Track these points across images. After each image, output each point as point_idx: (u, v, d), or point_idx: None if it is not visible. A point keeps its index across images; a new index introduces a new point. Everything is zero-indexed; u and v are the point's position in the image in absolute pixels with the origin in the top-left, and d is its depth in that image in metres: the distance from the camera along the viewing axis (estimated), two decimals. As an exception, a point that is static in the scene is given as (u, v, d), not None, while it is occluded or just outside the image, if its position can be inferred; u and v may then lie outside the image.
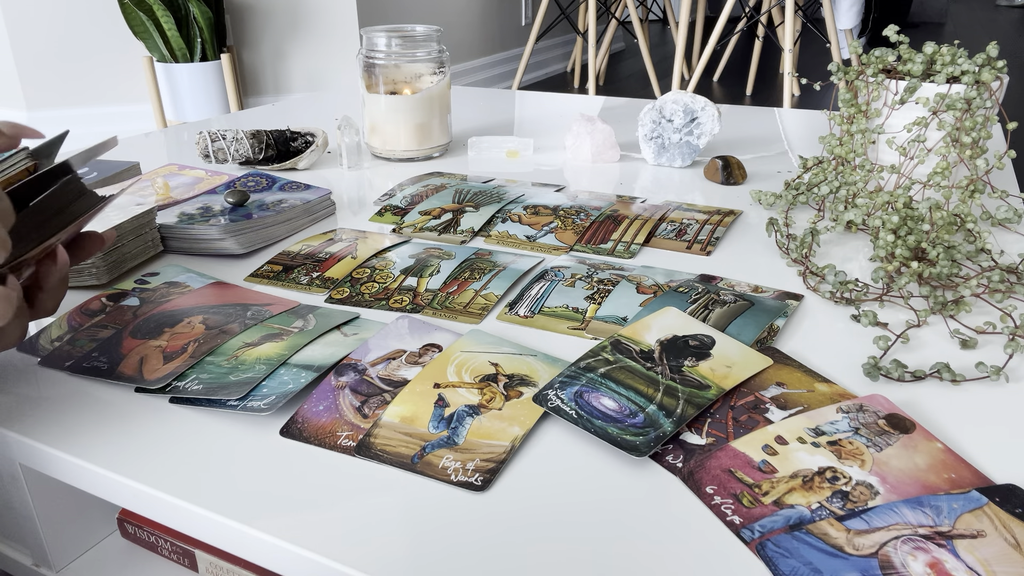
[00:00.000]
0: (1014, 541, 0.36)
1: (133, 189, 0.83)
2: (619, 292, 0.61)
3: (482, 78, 3.18)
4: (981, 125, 0.72)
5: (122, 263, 0.67)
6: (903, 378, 0.50)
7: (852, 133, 0.78)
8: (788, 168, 0.99)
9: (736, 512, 0.39)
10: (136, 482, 0.42)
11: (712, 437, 0.44)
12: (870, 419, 0.45)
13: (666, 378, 0.49)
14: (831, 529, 0.37)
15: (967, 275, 0.63)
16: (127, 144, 1.12)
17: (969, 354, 0.54)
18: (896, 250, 0.63)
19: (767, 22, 3.02)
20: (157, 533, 0.54)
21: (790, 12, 2.32)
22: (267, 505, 0.40)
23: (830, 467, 0.41)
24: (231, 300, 0.61)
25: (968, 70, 0.73)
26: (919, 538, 0.36)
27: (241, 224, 0.72)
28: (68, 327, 0.57)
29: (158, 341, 0.54)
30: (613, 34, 3.29)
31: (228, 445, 0.45)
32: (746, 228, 0.78)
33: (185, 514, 0.41)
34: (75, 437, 0.46)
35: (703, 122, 0.96)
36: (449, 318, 0.59)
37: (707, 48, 2.45)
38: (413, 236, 0.76)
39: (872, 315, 0.57)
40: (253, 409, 0.46)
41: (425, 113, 1.03)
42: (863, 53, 0.82)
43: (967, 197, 0.70)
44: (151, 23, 2.14)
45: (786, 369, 0.51)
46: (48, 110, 2.34)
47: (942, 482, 0.40)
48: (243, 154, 0.98)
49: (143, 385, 0.50)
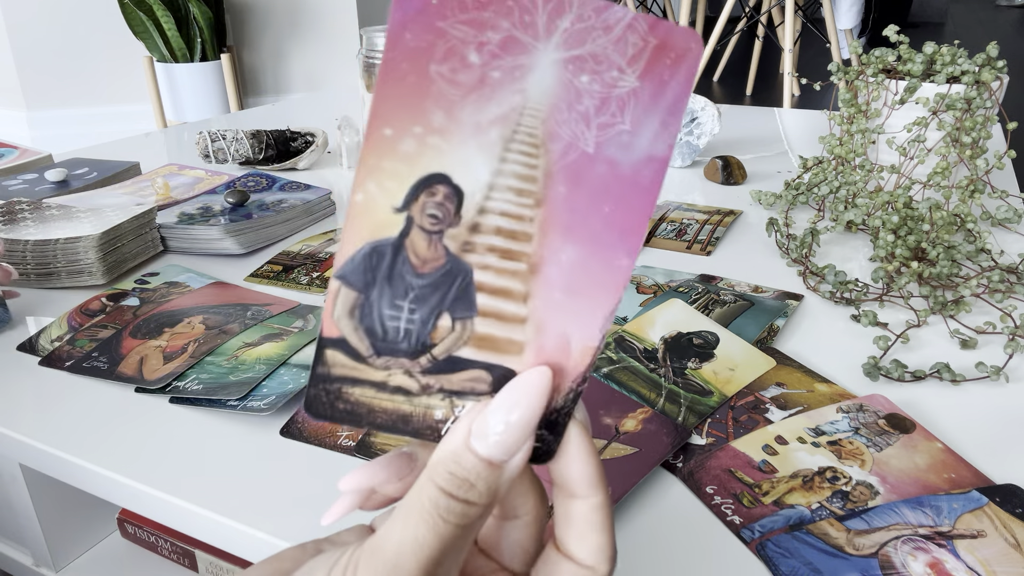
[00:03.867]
0: (1014, 541, 0.36)
1: (133, 189, 0.83)
2: (619, 292, 0.61)
3: (482, 78, 3.18)
4: (981, 125, 0.72)
5: (122, 263, 0.66)
6: (903, 378, 0.50)
7: (852, 133, 0.78)
8: (788, 168, 0.98)
9: (736, 512, 0.39)
10: (136, 482, 0.42)
11: (712, 437, 0.44)
12: (870, 419, 0.45)
13: (669, 381, 0.49)
14: (831, 529, 0.37)
15: (967, 275, 0.63)
16: (127, 144, 1.13)
17: (969, 354, 0.54)
18: (896, 250, 0.63)
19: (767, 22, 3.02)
20: (157, 533, 0.54)
21: (790, 12, 2.32)
22: (267, 505, 0.40)
23: (830, 467, 0.41)
24: (231, 300, 0.61)
25: (968, 70, 0.73)
26: (919, 538, 0.36)
27: (241, 224, 0.72)
28: (68, 327, 0.57)
29: (158, 341, 0.54)
30: (613, 34, 3.28)
31: (228, 445, 0.45)
32: (746, 228, 0.78)
33: (185, 514, 0.41)
34: (75, 437, 0.46)
35: (703, 122, 0.96)
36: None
37: (707, 48, 2.45)
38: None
39: (872, 315, 0.57)
40: (253, 409, 0.46)
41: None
42: (863, 53, 0.82)
43: (967, 197, 0.70)
44: (151, 23, 2.14)
45: (786, 369, 0.51)
46: (48, 110, 2.34)
47: (942, 482, 0.40)
48: (243, 154, 0.98)
49: (143, 385, 0.50)
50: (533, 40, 0.20)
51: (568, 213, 0.22)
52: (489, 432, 0.22)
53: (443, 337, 0.23)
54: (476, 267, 0.22)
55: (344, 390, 0.23)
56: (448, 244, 0.22)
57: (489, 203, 0.22)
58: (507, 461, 0.22)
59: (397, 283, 0.23)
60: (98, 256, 0.64)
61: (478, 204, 0.22)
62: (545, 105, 0.21)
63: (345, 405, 0.24)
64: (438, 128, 0.21)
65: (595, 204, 0.21)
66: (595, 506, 0.23)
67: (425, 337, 0.23)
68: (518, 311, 0.22)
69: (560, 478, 0.23)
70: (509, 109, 0.21)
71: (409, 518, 0.21)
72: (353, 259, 0.22)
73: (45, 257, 0.64)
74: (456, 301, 0.23)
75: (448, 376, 0.23)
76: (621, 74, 0.21)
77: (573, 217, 0.22)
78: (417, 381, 0.23)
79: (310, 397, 0.24)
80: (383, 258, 0.22)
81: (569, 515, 0.23)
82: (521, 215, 0.22)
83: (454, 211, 0.22)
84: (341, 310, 0.23)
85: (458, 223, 0.22)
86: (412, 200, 0.22)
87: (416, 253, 0.22)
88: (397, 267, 0.23)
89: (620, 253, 0.22)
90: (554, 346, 0.23)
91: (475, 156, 0.21)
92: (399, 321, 0.23)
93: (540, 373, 0.22)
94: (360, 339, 0.23)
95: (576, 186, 0.21)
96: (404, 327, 0.23)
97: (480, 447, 0.22)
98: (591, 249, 0.22)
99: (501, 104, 0.21)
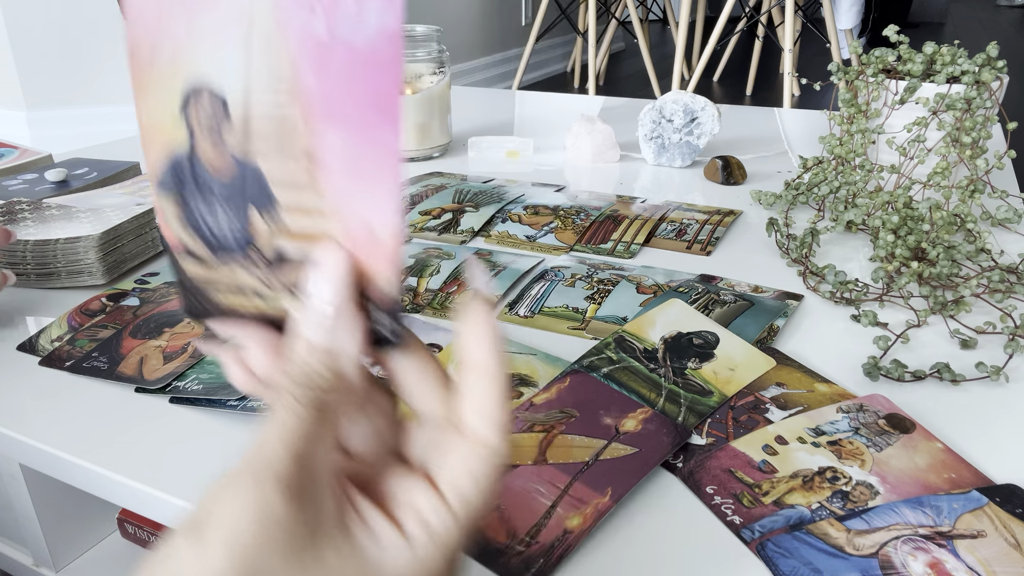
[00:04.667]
0: (1014, 541, 0.36)
1: (133, 189, 0.83)
2: (619, 292, 0.61)
3: (482, 78, 3.18)
4: (981, 125, 0.72)
5: (122, 263, 0.67)
6: (903, 378, 0.50)
7: (852, 133, 0.78)
8: (788, 168, 0.99)
9: (736, 512, 0.39)
10: (136, 482, 0.42)
11: (712, 437, 0.44)
12: (870, 419, 0.45)
13: (669, 381, 0.49)
14: (831, 529, 0.37)
15: (967, 275, 0.63)
16: (127, 144, 1.13)
17: (969, 354, 0.54)
18: (896, 250, 0.63)
19: (767, 22, 3.02)
20: (157, 533, 0.54)
21: (790, 12, 2.32)
22: (267, 505, 0.40)
23: (830, 467, 0.41)
24: (231, 300, 0.61)
25: (968, 70, 0.73)
26: (919, 538, 0.36)
27: (241, 224, 0.72)
28: (68, 327, 0.57)
29: (158, 341, 0.54)
30: (613, 34, 3.29)
31: (228, 445, 0.45)
32: (746, 228, 0.78)
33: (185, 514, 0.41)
34: (75, 437, 0.46)
35: (703, 122, 0.96)
36: (449, 318, 0.59)
37: (707, 48, 2.45)
38: (413, 236, 0.76)
39: (872, 315, 0.57)
40: (253, 409, 0.46)
41: (425, 113, 1.03)
42: (863, 53, 0.82)
43: (967, 197, 0.70)
44: (151, 23, 2.14)
45: (786, 369, 0.51)
46: (48, 110, 2.34)
47: (942, 482, 0.40)
48: (243, 154, 0.98)
49: (143, 385, 0.50)
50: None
51: (323, 100, 0.22)
52: (308, 318, 0.23)
53: (260, 232, 0.24)
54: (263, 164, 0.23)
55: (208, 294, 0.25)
56: (232, 151, 0.24)
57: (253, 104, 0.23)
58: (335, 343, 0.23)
59: (204, 190, 0.24)
60: (98, 256, 0.64)
61: (243, 104, 0.23)
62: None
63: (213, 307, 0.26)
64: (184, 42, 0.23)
65: (345, 87, 0.22)
66: (493, 377, 0.24)
67: (245, 233, 0.24)
68: (317, 203, 0.23)
69: (460, 351, 0.25)
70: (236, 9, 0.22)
71: (274, 411, 0.23)
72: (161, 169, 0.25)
73: (45, 257, 0.64)
74: (257, 197, 0.24)
75: (284, 272, 0.25)
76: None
77: (329, 104, 0.22)
78: (260, 280, 0.25)
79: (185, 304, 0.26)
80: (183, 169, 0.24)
81: (468, 389, 0.24)
82: (283, 111, 0.23)
83: (224, 114, 0.23)
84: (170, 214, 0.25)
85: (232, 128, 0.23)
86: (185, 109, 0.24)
87: (209, 162, 0.24)
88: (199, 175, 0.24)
89: (383, 130, 0.22)
90: (360, 233, 0.23)
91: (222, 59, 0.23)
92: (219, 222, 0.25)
93: (329, 249, 0.24)
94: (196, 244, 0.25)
95: (322, 73, 0.22)
96: (226, 228, 0.25)
97: (306, 333, 0.23)
98: (355, 130, 0.22)
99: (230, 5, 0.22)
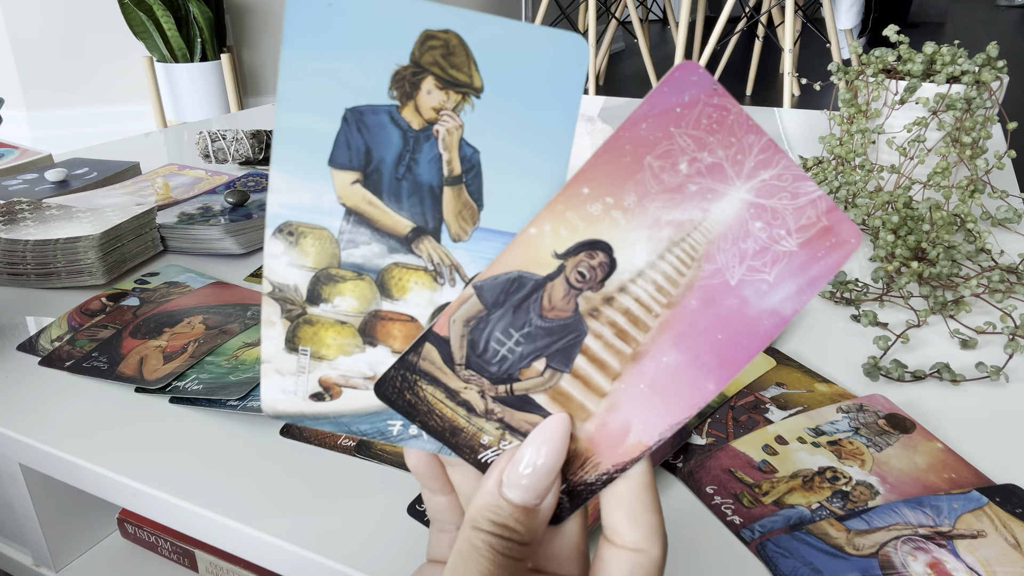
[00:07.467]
0: (1014, 541, 0.36)
1: (133, 189, 0.83)
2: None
3: (482, 78, 3.18)
4: (981, 125, 0.72)
5: (122, 263, 0.67)
6: (903, 378, 0.50)
7: (852, 133, 0.78)
8: (788, 168, 0.98)
9: (736, 512, 0.39)
10: (136, 482, 0.42)
11: (712, 437, 0.44)
12: (870, 419, 0.45)
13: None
14: (831, 529, 0.37)
15: (967, 275, 0.63)
16: (127, 144, 1.13)
17: (969, 354, 0.54)
18: (896, 250, 0.63)
19: (767, 22, 3.02)
20: (157, 533, 0.54)
21: (790, 12, 2.32)
22: (267, 505, 0.40)
23: (830, 467, 0.41)
24: (231, 300, 0.61)
25: (968, 70, 0.73)
26: (919, 538, 0.36)
27: (241, 224, 0.72)
28: (68, 327, 0.57)
29: (158, 341, 0.54)
30: (613, 34, 3.29)
31: (228, 445, 0.45)
32: (746, 228, 0.78)
33: (185, 514, 0.41)
34: (75, 437, 0.46)
35: (703, 122, 0.96)
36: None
37: (707, 48, 2.45)
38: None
39: (872, 315, 0.57)
40: (253, 409, 0.46)
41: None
42: (863, 53, 0.82)
43: (967, 197, 0.70)
44: (151, 23, 2.14)
45: (786, 369, 0.51)
46: (48, 110, 2.34)
47: (942, 482, 0.40)
48: (243, 154, 0.98)
49: (143, 385, 0.50)
50: (735, 176, 0.23)
51: (688, 324, 0.24)
52: (519, 479, 0.24)
53: (530, 377, 0.25)
54: (591, 333, 0.24)
55: (420, 383, 0.25)
56: (580, 303, 0.24)
57: (632, 286, 0.24)
58: (539, 504, 0.24)
59: (520, 315, 0.25)
60: (98, 256, 0.64)
61: (622, 283, 0.24)
62: (716, 230, 0.23)
63: (412, 397, 0.25)
64: (626, 207, 0.23)
65: (713, 327, 0.24)
66: (645, 485, 0.24)
67: (515, 370, 0.25)
68: (603, 385, 0.24)
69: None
70: (688, 219, 0.23)
71: (469, 559, 0.23)
72: (497, 278, 0.24)
73: (45, 257, 0.64)
74: (559, 352, 0.25)
75: (513, 411, 0.25)
76: (787, 235, 0.23)
77: (690, 329, 0.24)
78: (485, 403, 0.25)
79: (387, 376, 0.25)
80: (522, 289, 0.24)
81: (619, 500, 0.25)
82: (651, 308, 0.24)
83: (601, 278, 0.24)
84: (461, 315, 0.25)
85: (598, 290, 0.24)
86: (573, 253, 0.24)
87: (550, 298, 0.24)
88: (528, 302, 0.25)
89: (711, 377, 0.24)
90: (615, 429, 0.25)
91: (642, 243, 0.24)
92: (503, 347, 0.25)
93: (560, 419, 0.24)
94: (460, 346, 0.25)
95: (706, 306, 0.24)
96: (504, 354, 0.25)
97: (513, 495, 0.24)
98: (690, 363, 0.24)
99: (684, 213, 0.23)
